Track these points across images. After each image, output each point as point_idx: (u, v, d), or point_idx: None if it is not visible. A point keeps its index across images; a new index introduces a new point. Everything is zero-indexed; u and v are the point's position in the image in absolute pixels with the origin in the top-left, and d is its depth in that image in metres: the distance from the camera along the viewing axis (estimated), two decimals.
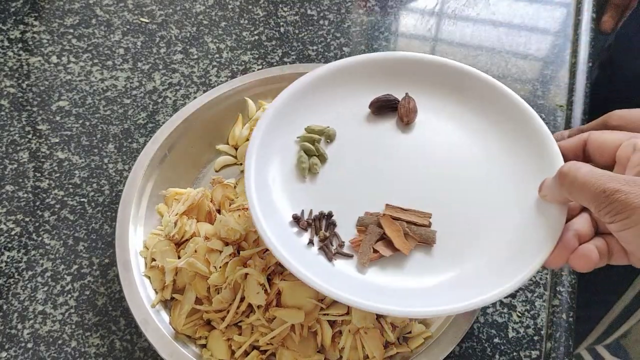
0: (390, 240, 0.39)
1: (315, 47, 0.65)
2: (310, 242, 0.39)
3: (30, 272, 0.48)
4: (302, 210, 0.40)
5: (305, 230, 0.40)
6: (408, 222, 0.39)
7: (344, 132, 0.45)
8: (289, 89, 0.44)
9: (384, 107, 0.45)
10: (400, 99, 0.45)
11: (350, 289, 0.36)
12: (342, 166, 0.43)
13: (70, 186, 0.53)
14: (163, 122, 0.57)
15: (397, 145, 0.44)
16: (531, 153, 0.41)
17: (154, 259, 0.46)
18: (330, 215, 0.40)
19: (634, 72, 0.49)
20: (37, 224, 0.51)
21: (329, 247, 0.39)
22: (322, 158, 0.43)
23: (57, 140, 0.57)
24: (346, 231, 0.40)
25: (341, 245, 0.39)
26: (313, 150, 0.43)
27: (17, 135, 0.57)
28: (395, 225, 0.39)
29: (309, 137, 0.44)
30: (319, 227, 0.40)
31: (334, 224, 0.40)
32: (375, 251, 0.38)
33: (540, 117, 0.43)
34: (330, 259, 0.38)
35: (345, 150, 0.44)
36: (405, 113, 0.44)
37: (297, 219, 0.40)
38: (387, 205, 0.40)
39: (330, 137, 0.44)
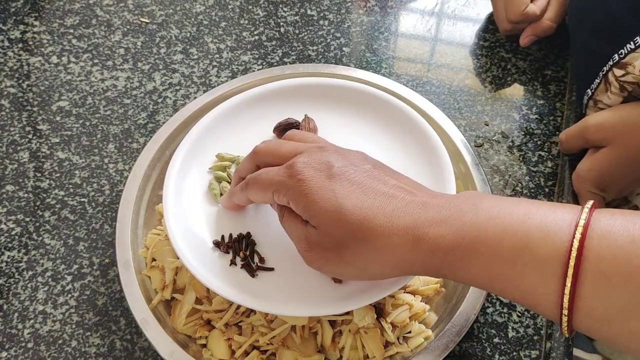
0: None
1: (315, 47, 0.65)
2: (233, 263, 0.42)
3: (30, 272, 0.48)
4: (222, 235, 0.43)
5: (227, 253, 0.42)
6: None
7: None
8: (201, 122, 0.49)
9: (287, 130, 0.48)
10: (300, 120, 0.49)
11: (273, 299, 0.39)
12: None
13: (70, 186, 0.54)
14: (163, 122, 0.57)
15: None
16: (425, 158, 0.47)
17: (154, 259, 0.46)
18: (249, 235, 0.43)
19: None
20: (37, 224, 0.51)
21: (250, 264, 0.41)
22: None
23: (57, 140, 0.57)
24: (265, 248, 0.43)
25: (262, 260, 0.42)
26: (225, 177, 0.46)
27: (17, 135, 0.57)
28: None
29: (219, 165, 0.47)
30: (239, 248, 0.42)
31: (253, 243, 0.43)
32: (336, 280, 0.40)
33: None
34: (252, 275, 0.41)
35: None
36: None
37: (217, 244, 0.43)
38: None
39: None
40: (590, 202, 0.30)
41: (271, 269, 0.42)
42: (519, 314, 0.46)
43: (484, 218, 0.31)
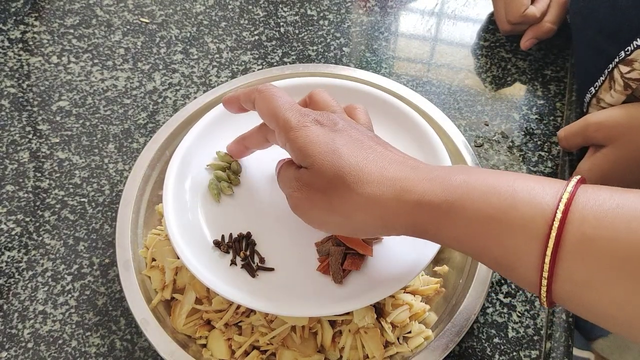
0: (352, 254, 0.41)
1: (315, 47, 0.65)
2: (233, 263, 0.42)
3: (30, 272, 0.48)
4: (222, 235, 0.43)
5: (227, 252, 0.42)
6: None
7: (252, 157, 0.48)
8: (201, 122, 0.49)
9: None
10: None
11: (274, 300, 0.39)
12: (254, 187, 0.47)
13: (70, 186, 0.54)
14: (163, 122, 0.57)
15: None
16: (425, 159, 0.47)
17: (154, 259, 0.46)
18: (249, 235, 0.43)
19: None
20: (37, 224, 0.51)
21: (251, 264, 0.42)
22: (235, 182, 0.47)
23: (57, 140, 0.57)
24: (266, 248, 0.43)
25: (262, 261, 0.42)
26: (225, 177, 0.47)
27: (17, 135, 0.57)
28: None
29: (219, 164, 0.47)
30: (239, 248, 0.42)
31: (253, 243, 0.43)
32: (344, 270, 0.41)
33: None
34: (253, 275, 0.41)
35: (255, 172, 0.48)
36: None
37: (218, 244, 0.43)
38: None
39: (236, 171, 0.48)
40: (578, 177, 0.30)
41: (271, 269, 0.42)
42: (519, 314, 0.46)
43: (474, 179, 0.32)
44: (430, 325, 0.44)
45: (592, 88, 0.51)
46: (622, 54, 0.46)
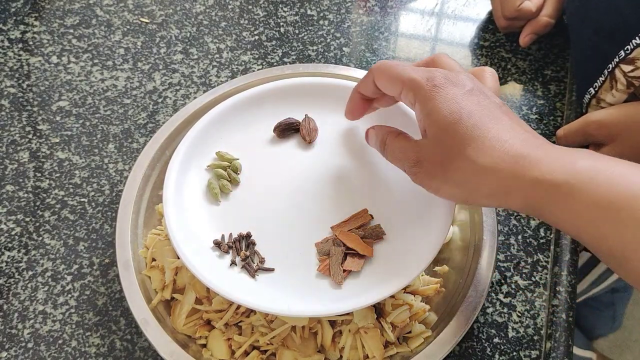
0: (352, 254, 0.41)
1: (315, 47, 0.65)
2: (233, 263, 0.42)
3: (30, 272, 0.48)
4: (222, 235, 0.43)
5: (227, 252, 0.42)
6: (357, 227, 0.43)
7: (252, 157, 0.48)
8: (201, 122, 0.49)
9: (286, 130, 0.49)
10: (301, 120, 0.49)
11: (273, 300, 0.39)
12: (254, 187, 0.47)
13: (70, 186, 0.54)
14: (163, 122, 0.57)
15: (303, 162, 0.48)
16: None
17: (154, 259, 0.46)
18: (249, 235, 0.43)
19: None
20: (37, 224, 0.51)
21: (251, 265, 0.42)
22: (235, 181, 0.47)
23: (57, 140, 0.57)
24: (266, 248, 0.43)
25: (262, 261, 0.42)
26: (225, 176, 0.46)
27: (17, 135, 0.57)
28: (352, 235, 0.42)
29: (219, 164, 0.47)
30: (239, 248, 0.42)
31: (253, 243, 0.43)
32: (344, 270, 0.41)
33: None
34: (253, 276, 0.41)
35: (255, 172, 0.48)
36: (307, 133, 0.48)
37: (218, 244, 0.43)
38: (332, 227, 0.43)
39: (236, 169, 0.47)
40: None
41: (271, 269, 0.42)
42: (519, 314, 0.46)
43: (601, 165, 0.31)
44: (430, 325, 0.44)
45: (592, 89, 0.51)
46: (622, 53, 0.46)
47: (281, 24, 0.67)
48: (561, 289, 0.47)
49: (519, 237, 0.50)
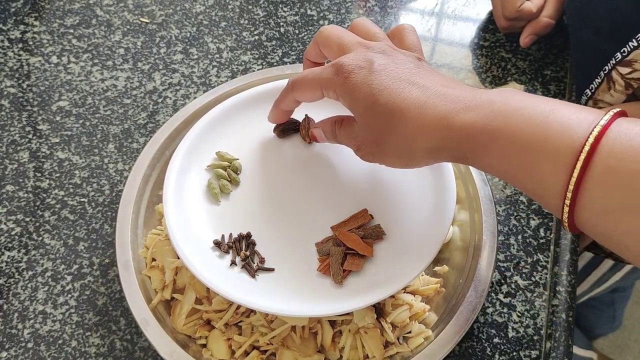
0: (352, 254, 0.41)
1: None
2: (233, 263, 0.42)
3: (30, 272, 0.48)
4: (222, 235, 0.43)
5: (227, 252, 0.42)
6: (357, 227, 0.43)
7: (252, 157, 0.48)
8: (201, 121, 0.49)
9: (286, 130, 0.49)
10: (301, 120, 0.49)
11: (273, 300, 0.39)
12: (254, 187, 0.47)
13: (70, 186, 0.54)
14: (163, 122, 0.57)
15: (303, 162, 0.48)
16: None
17: (154, 259, 0.46)
18: (249, 235, 0.43)
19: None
20: (37, 224, 0.51)
21: (251, 265, 0.42)
22: (235, 181, 0.47)
23: (57, 140, 0.57)
24: (266, 248, 0.43)
25: (262, 261, 0.42)
26: (225, 175, 0.47)
27: (17, 135, 0.57)
28: (352, 235, 0.42)
29: (219, 164, 0.47)
30: (239, 248, 0.42)
31: (253, 243, 0.43)
32: (344, 270, 0.41)
33: None
34: (253, 276, 0.41)
35: (255, 172, 0.48)
36: (307, 133, 0.48)
37: (218, 244, 0.43)
38: (332, 227, 0.43)
39: (236, 169, 0.47)
40: (617, 109, 0.31)
41: (271, 269, 0.42)
42: (519, 314, 0.46)
43: (512, 109, 0.32)
44: (430, 325, 0.44)
45: (588, 90, 0.50)
46: (619, 55, 0.46)
47: (281, 24, 0.67)
48: (561, 289, 0.47)
49: (519, 237, 0.50)
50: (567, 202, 0.30)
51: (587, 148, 0.29)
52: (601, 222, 0.30)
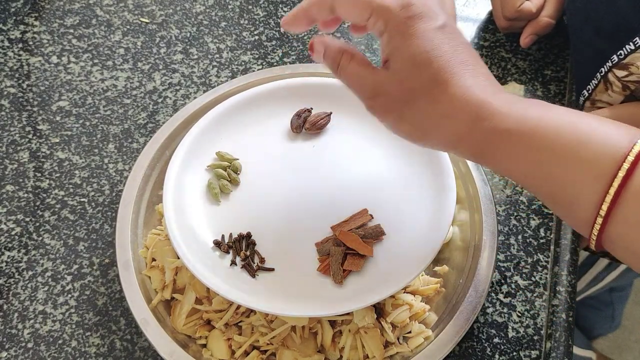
0: (352, 254, 0.41)
1: None
2: (233, 263, 0.42)
3: (30, 272, 0.48)
4: (223, 235, 0.43)
5: (227, 252, 0.42)
6: (357, 227, 0.43)
7: (252, 157, 0.48)
8: (201, 121, 0.49)
9: (300, 127, 0.50)
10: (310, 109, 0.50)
11: (273, 300, 0.39)
12: (254, 187, 0.47)
13: (70, 186, 0.54)
14: (163, 122, 0.57)
15: (303, 162, 0.48)
16: (426, 158, 0.47)
17: (154, 259, 0.46)
18: (249, 235, 0.43)
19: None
20: (37, 224, 0.51)
21: (251, 265, 0.42)
22: (235, 181, 0.47)
23: (57, 140, 0.57)
24: (266, 248, 0.43)
25: (262, 261, 0.42)
26: (225, 175, 0.46)
27: (17, 135, 0.57)
28: (352, 235, 0.42)
29: (219, 164, 0.47)
30: (239, 248, 0.42)
31: (253, 243, 0.43)
32: (344, 270, 0.41)
33: None
34: (253, 276, 0.41)
35: (255, 172, 0.48)
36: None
37: (218, 244, 0.43)
38: (332, 227, 0.43)
39: (236, 169, 0.47)
40: None
41: (271, 269, 0.42)
42: (519, 314, 0.46)
43: (552, 114, 0.31)
44: (430, 325, 0.44)
45: (585, 91, 0.50)
46: (615, 58, 0.46)
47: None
48: (561, 289, 0.47)
49: (519, 237, 0.50)
50: (602, 212, 0.29)
51: (631, 158, 0.28)
52: (636, 236, 0.29)
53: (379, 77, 0.34)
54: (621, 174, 0.28)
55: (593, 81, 0.49)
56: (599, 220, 0.29)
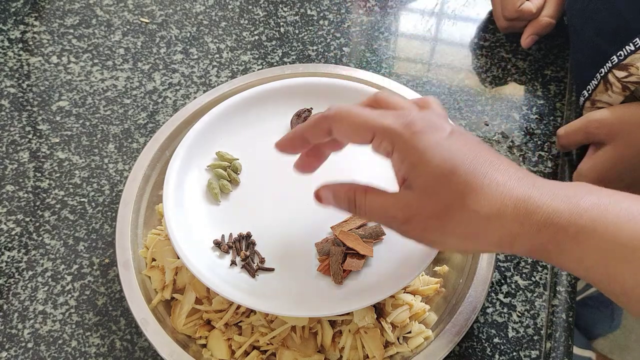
0: (352, 254, 0.41)
1: (315, 47, 0.65)
2: (233, 263, 0.42)
3: (30, 272, 0.48)
4: (222, 235, 0.43)
5: (227, 252, 0.42)
6: (357, 227, 0.43)
7: (252, 157, 0.49)
8: (201, 122, 0.49)
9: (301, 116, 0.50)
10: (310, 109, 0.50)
11: (273, 300, 0.39)
12: (254, 187, 0.47)
13: (70, 186, 0.54)
14: (163, 122, 0.57)
15: None
16: None
17: (154, 259, 0.46)
18: (249, 235, 0.43)
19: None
20: (37, 224, 0.51)
21: (251, 264, 0.42)
22: (235, 181, 0.47)
23: (57, 140, 0.57)
24: (266, 248, 0.43)
25: (262, 261, 0.42)
26: (225, 176, 0.46)
27: (17, 135, 0.57)
28: (352, 235, 0.42)
29: (219, 164, 0.47)
30: (239, 248, 0.42)
31: (253, 243, 0.43)
32: (344, 270, 0.41)
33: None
34: (253, 276, 0.41)
35: (255, 172, 0.48)
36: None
37: (218, 244, 0.43)
38: (332, 227, 0.43)
39: (236, 169, 0.48)
40: None
41: (271, 269, 0.42)
42: (519, 314, 0.46)
43: (605, 202, 0.30)
44: (430, 325, 0.44)
45: (585, 91, 0.51)
46: (615, 58, 0.46)
47: (281, 24, 0.67)
48: (561, 289, 0.47)
49: None
50: None
51: None
52: None
53: (404, 200, 0.33)
54: None
55: (593, 82, 0.49)
56: None
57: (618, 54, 0.46)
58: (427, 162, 0.31)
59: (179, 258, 0.41)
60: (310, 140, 0.37)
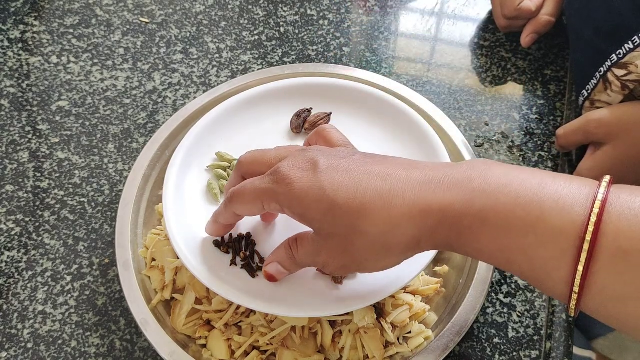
0: None
1: (315, 47, 0.65)
2: (233, 263, 0.42)
3: (30, 272, 0.48)
4: (222, 235, 0.43)
5: (227, 252, 0.42)
6: None
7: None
8: (201, 122, 0.49)
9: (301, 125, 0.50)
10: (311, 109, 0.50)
11: (271, 299, 0.39)
12: None
13: (70, 186, 0.53)
14: (163, 122, 0.57)
15: None
16: (426, 159, 0.47)
17: (154, 259, 0.46)
18: (249, 235, 0.43)
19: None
20: (37, 224, 0.51)
21: (251, 265, 0.41)
22: None
23: (57, 140, 0.57)
24: (265, 248, 0.43)
25: (262, 261, 0.42)
26: (225, 176, 0.46)
27: (17, 135, 0.57)
28: None
29: (219, 164, 0.47)
30: (239, 248, 0.42)
31: (253, 243, 0.43)
32: None
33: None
34: (253, 276, 0.41)
35: None
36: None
37: (218, 244, 0.43)
38: None
39: None
40: (608, 177, 0.29)
41: None
42: (519, 314, 0.46)
43: (494, 185, 0.29)
44: (430, 325, 0.44)
45: (585, 91, 0.51)
46: (614, 57, 0.46)
47: (281, 24, 0.67)
48: None
49: None
50: (576, 289, 0.27)
51: (591, 228, 0.26)
52: (616, 308, 0.27)
53: (315, 246, 0.34)
54: (586, 245, 0.26)
55: (592, 81, 0.49)
56: (574, 296, 0.28)
57: (617, 53, 0.46)
58: (309, 207, 0.32)
59: (178, 258, 0.41)
60: (229, 224, 0.41)
